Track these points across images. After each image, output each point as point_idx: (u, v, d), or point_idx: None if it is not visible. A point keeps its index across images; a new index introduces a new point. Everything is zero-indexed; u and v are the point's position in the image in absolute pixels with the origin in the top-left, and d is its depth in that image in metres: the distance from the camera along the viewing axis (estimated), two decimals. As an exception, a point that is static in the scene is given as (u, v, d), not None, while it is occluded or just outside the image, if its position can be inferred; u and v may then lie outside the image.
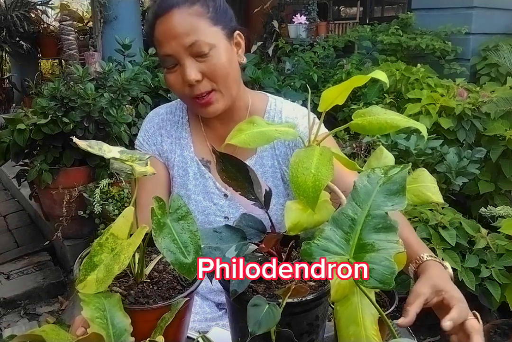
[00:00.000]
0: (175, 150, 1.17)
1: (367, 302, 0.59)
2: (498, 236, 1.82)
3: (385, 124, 0.60)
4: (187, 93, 1.03)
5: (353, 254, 0.55)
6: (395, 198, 0.57)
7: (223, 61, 1.02)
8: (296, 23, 4.11)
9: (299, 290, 0.61)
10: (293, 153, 0.60)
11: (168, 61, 1.02)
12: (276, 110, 1.15)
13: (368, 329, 0.58)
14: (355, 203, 0.57)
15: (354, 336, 0.58)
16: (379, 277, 0.52)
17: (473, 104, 2.49)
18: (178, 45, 0.99)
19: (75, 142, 0.61)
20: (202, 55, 1.00)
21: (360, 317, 0.59)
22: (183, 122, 1.18)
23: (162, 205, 0.64)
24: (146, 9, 6.17)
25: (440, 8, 3.53)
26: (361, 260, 0.53)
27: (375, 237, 0.55)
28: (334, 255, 0.54)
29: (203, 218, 1.15)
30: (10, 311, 2.49)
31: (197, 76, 1.00)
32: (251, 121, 0.65)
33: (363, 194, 0.58)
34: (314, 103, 2.75)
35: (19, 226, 3.40)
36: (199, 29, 1.00)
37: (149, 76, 2.94)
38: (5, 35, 4.91)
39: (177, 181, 1.17)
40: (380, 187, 0.58)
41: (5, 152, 2.48)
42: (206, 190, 1.15)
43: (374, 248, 0.54)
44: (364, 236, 0.55)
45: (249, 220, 0.73)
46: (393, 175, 0.59)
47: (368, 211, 0.57)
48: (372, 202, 0.57)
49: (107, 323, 0.59)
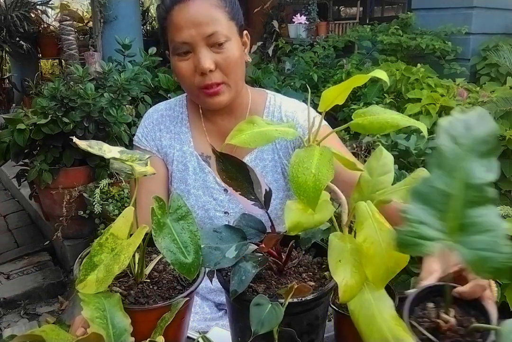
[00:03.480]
0: (174, 146, 1.17)
1: (378, 295, 0.58)
2: (498, 236, 1.82)
3: (385, 124, 0.60)
4: (196, 83, 1.05)
5: (456, 238, 0.44)
6: (486, 162, 0.47)
7: (236, 55, 1.05)
8: (296, 23, 4.11)
9: (302, 289, 0.61)
10: (293, 153, 0.60)
11: (182, 48, 1.03)
12: (275, 105, 1.17)
13: (388, 321, 0.56)
14: (442, 171, 0.47)
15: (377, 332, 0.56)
16: (497, 266, 0.42)
17: (473, 104, 2.49)
18: (197, 33, 1.01)
19: (75, 142, 0.61)
20: (218, 46, 1.02)
21: (377, 312, 0.57)
22: (183, 118, 1.19)
23: (162, 205, 0.64)
24: (146, 9, 6.18)
25: (440, 8, 3.53)
26: (469, 246, 0.43)
27: (475, 213, 0.45)
28: (432, 242, 0.45)
29: (203, 213, 1.16)
30: (10, 311, 2.49)
31: (211, 65, 1.02)
32: (251, 121, 0.65)
33: (452, 159, 0.47)
34: (314, 103, 2.75)
35: (19, 226, 3.40)
36: (219, 21, 1.02)
37: (149, 76, 2.94)
38: (5, 35, 4.91)
39: (176, 175, 1.17)
40: (467, 148, 0.47)
41: (5, 152, 2.48)
42: (206, 185, 1.16)
43: (478, 229, 0.44)
44: (463, 214, 0.45)
45: (249, 220, 0.73)
46: (479, 130, 0.49)
47: (462, 180, 0.46)
48: (463, 169, 0.46)
49: (107, 323, 0.59)
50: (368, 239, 0.57)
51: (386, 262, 0.57)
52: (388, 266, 0.57)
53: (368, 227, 0.58)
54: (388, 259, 0.57)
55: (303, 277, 0.71)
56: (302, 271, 0.72)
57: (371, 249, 0.57)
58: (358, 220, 0.59)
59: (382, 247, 0.57)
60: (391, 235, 0.56)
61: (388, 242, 0.56)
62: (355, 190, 0.69)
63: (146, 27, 5.97)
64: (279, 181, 1.16)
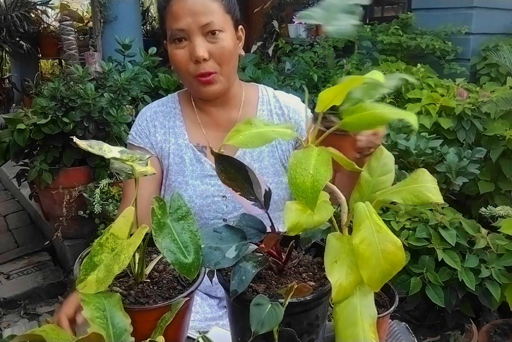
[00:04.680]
0: (169, 140, 1.21)
1: (366, 303, 0.59)
2: (498, 236, 1.82)
3: (374, 119, 0.60)
4: (191, 71, 1.10)
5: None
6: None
7: (230, 46, 1.10)
8: (296, 23, 4.11)
9: (302, 289, 0.61)
10: (291, 154, 0.60)
11: (178, 35, 1.09)
12: (268, 95, 1.25)
13: (367, 331, 0.57)
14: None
15: (352, 338, 0.57)
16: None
17: (473, 104, 2.49)
18: (194, 22, 1.06)
19: (75, 142, 0.61)
20: (213, 36, 1.08)
21: (359, 319, 0.58)
22: (176, 112, 1.24)
23: (162, 205, 0.64)
24: (146, 9, 6.18)
25: (440, 8, 3.53)
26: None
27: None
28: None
29: (201, 201, 1.18)
30: (10, 311, 2.49)
31: (205, 54, 1.07)
32: (249, 122, 0.65)
33: None
34: (314, 103, 2.75)
35: (19, 226, 3.40)
36: (215, 12, 1.08)
37: (149, 76, 2.94)
38: (5, 35, 4.91)
39: (173, 168, 1.20)
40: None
41: (5, 152, 2.48)
42: (203, 174, 1.19)
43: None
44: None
45: (249, 220, 0.73)
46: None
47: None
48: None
49: (107, 323, 0.59)
50: (365, 241, 0.57)
51: (382, 264, 0.57)
52: (384, 268, 0.57)
53: (365, 228, 0.58)
54: (384, 261, 0.56)
55: (303, 277, 0.71)
56: (302, 271, 0.72)
57: (367, 250, 0.57)
58: (356, 221, 0.60)
59: (379, 249, 0.57)
60: (388, 237, 0.56)
61: (385, 244, 0.57)
62: (355, 190, 0.69)
63: (146, 27, 5.98)
64: (275, 165, 1.20)
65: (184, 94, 1.26)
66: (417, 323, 2.01)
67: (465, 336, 1.88)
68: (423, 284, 1.77)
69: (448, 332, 1.95)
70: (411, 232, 1.82)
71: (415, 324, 1.99)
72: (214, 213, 1.18)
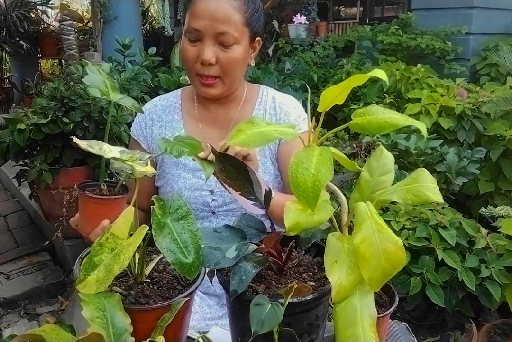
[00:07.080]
0: (165, 133, 1.24)
1: (366, 303, 0.59)
2: (498, 236, 1.82)
3: (384, 124, 0.60)
4: (196, 69, 1.12)
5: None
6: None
7: (239, 59, 1.11)
8: (296, 23, 4.11)
9: (302, 289, 0.61)
10: (293, 154, 0.60)
11: (194, 33, 1.10)
12: (267, 96, 1.26)
13: (367, 331, 0.57)
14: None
15: (352, 338, 0.57)
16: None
17: (473, 104, 2.49)
18: (210, 26, 1.07)
19: (75, 142, 0.61)
20: (225, 46, 1.09)
21: (359, 319, 0.58)
22: (175, 107, 1.27)
23: (162, 205, 0.64)
24: (146, 9, 6.18)
25: (440, 8, 3.53)
26: None
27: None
28: None
29: (189, 194, 1.21)
30: (10, 311, 2.49)
31: (212, 59, 1.09)
32: (251, 121, 0.65)
33: None
34: (314, 103, 2.75)
35: (19, 226, 3.39)
36: (234, 23, 1.08)
37: (149, 76, 2.94)
38: (5, 35, 4.90)
39: (168, 161, 1.24)
40: None
41: (5, 152, 2.48)
42: (196, 167, 1.21)
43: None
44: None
45: (249, 220, 0.73)
46: None
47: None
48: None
49: (107, 323, 0.59)
50: (366, 241, 0.57)
51: (383, 264, 0.57)
52: (385, 268, 0.57)
53: (366, 228, 0.58)
54: (385, 261, 0.56)
55: (303, 277, 0.71)
56: (302, 271, 0.72)
57: (368, 250, 0.57)
58: (357, 221, 0.59)
59: (379, 249, 0.57)
60: (389, 237, 0.56)
61: (386, 244, 0.57)
62: (355, 190, 0.69)
63: (146, 27, 5.98)
64: (266, 164, 1.22)
65: (188, 90, 1.30)
66: (417, 323, 2.01)
67: (465, 336, 1.88)
68: (423, 284, 1.77)
69: (448, 332, 1.95)
70: (411, 232, 1.82)
71: (415, 324, 1.99)
72: (202, 206, 1.21)
